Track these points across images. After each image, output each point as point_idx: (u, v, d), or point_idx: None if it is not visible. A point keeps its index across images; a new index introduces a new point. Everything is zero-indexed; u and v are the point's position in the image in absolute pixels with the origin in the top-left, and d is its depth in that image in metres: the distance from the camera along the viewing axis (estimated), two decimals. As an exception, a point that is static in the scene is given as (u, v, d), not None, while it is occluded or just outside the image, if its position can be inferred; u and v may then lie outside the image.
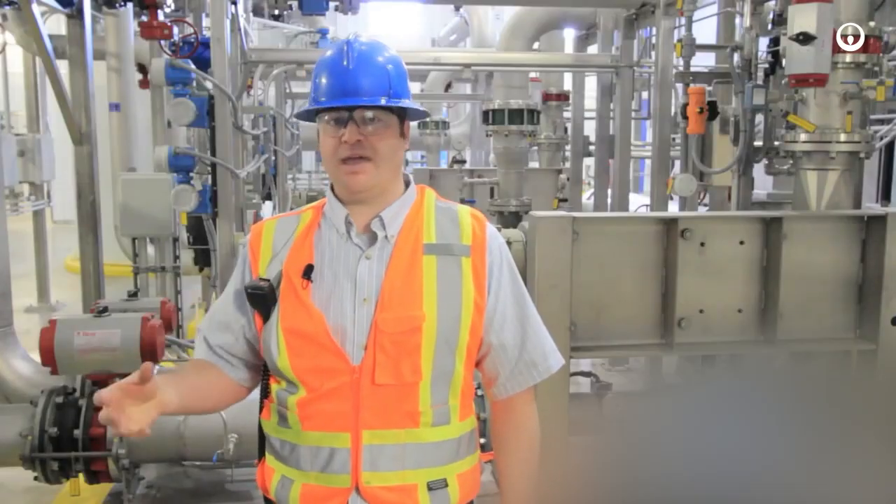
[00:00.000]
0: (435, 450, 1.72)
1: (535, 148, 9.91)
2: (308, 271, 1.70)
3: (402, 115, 1.74)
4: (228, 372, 1.83)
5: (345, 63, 1.69)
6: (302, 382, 1.69)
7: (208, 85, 5.31)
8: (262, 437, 1.84)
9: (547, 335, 1.85)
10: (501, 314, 1.76)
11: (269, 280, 1.72)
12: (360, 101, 1.67)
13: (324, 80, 1.71)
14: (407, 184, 1.80)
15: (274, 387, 1.76)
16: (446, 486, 1.73)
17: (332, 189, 1.79)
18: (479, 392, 3.25)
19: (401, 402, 1.67)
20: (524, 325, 1.80)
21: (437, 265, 1.71)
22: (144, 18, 6.17)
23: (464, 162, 11.34)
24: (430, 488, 1.71)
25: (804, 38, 3.69)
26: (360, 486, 1.67)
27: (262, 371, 1.84)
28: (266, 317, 1.72)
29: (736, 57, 4.78)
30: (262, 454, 1.83)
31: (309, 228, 1.77)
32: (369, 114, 1.68)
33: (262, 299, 1.71)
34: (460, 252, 1.73)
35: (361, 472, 1.67)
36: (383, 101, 1.68)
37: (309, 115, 1.77)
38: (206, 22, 6.55)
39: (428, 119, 13.43)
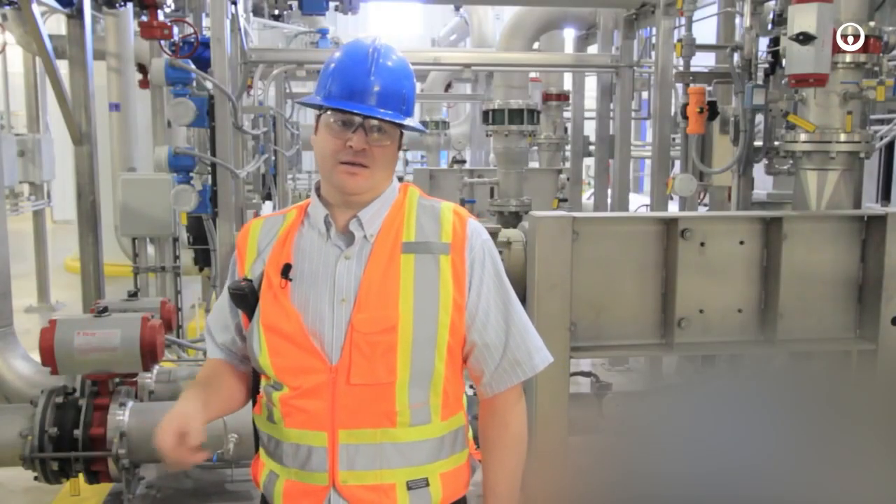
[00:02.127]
0: (414, 449, 1.71)
1: (535, 148, 9.90)
2: (286, 271, 1.71)
3: (402, 128, 1.75)
4: (238, 366, 1.88)
5: (368, 65, 1.68)
6: (282, 381, 1.70)
7: (208, 85, 5.30)
8: (257, 432, 1.86)
9: (533, 333, 1.83)
10: (484, 312, 1.75)
11: (250, 280, 1.74)
12: (379, 114, 1.66)
13: (342, 78, 1.69)
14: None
15: (263, 382, 1.78)
16: (427, 485, 1.72)
17: (317, 190, 1.80)
18: (472, 392, 3.24)
19: (377, 401, 1.67)
20: (508, 323, 1.78)
21: (414, 264, 1.70)
22: (144, 18, 6.17)
23: (464, 162, 11.34)
24: (409, 487, 1.71)
25: (804, 38, 3.69)
26: (337, 485, 1.68)
27: None
28: (250, 316, 1.75)
29: (736, 57, 4.77)
30: (257, 448, 1.86)
31: (291, 228, 1.78)
32: (377, 123, 1.68)
33: (243, 299, 1.74)
34: (439, 250, 1.72)
35: (338, 472, 1.68)
36: (398, 116, 1.68)
37: (312, 101, 1.74)
38: (206, 22, 6.55)
39: (428, 119, 13.45)
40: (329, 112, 1.69)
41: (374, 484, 1.69)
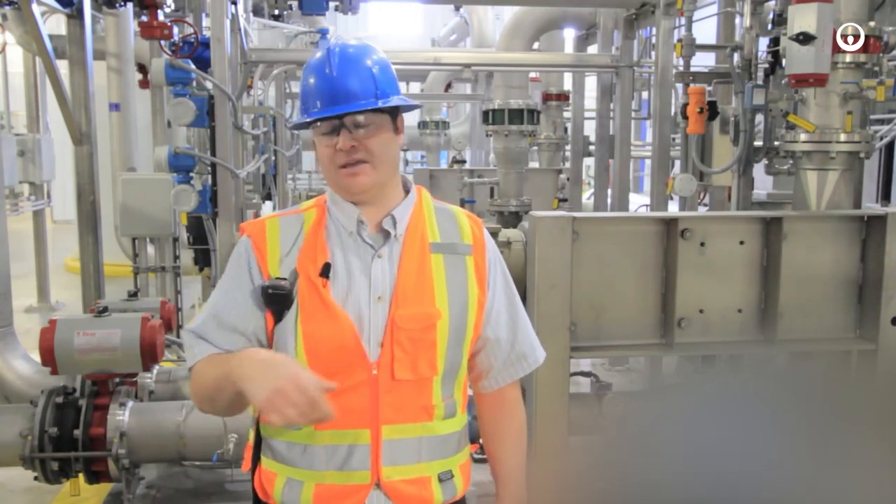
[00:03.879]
0: (444, 442, 1.78)
1: (535, 148, 9.91)
2: (326, 270, 1.69)
3: (394, 111, 1.74)
4: None
5: (327, 70, 1.69)
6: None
7: (208, 85, 5.30)
8: (256, 444, 1.83)
9: (531, 328, 1.92)
10: (497, 310, 1.83)
11: (286, 279, 1.66)
12: (347, 109, 1.67)
13: (311, 90, 1.72)
14: (406, 186, 1.83)
15: None
16: (452, 477, 1.79)
17: None
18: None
19: (417, 396, 1.72)
20: (514, 319, 1.87)
21: (444, 263, 1.76)
22: (144, 18, 6.18)
23: (464, 162, 11.33)
24: (440, 480, 1.76)
25: (804, 38, 3.69)
26: (381, 480, 1.70)
27: None
28: (278, 317, 1.68)
29: (736, 57, 4.77)
30: (256, 460, 1.82)
31: (317, 227, 1.75)
32: (360, 118, 1.68)
33: (281, 299, 1.63)
34: (464, 251, 1.79)
35: (382, 468, 1.70)
36: (371, 103, 1.68)
37: (300, 121, 1.77)
38: (206, 22, 6.56)
39: (428, 119, 13.44)
40: (317, 125, 1.71)
41: (415, 477, 1.73)
